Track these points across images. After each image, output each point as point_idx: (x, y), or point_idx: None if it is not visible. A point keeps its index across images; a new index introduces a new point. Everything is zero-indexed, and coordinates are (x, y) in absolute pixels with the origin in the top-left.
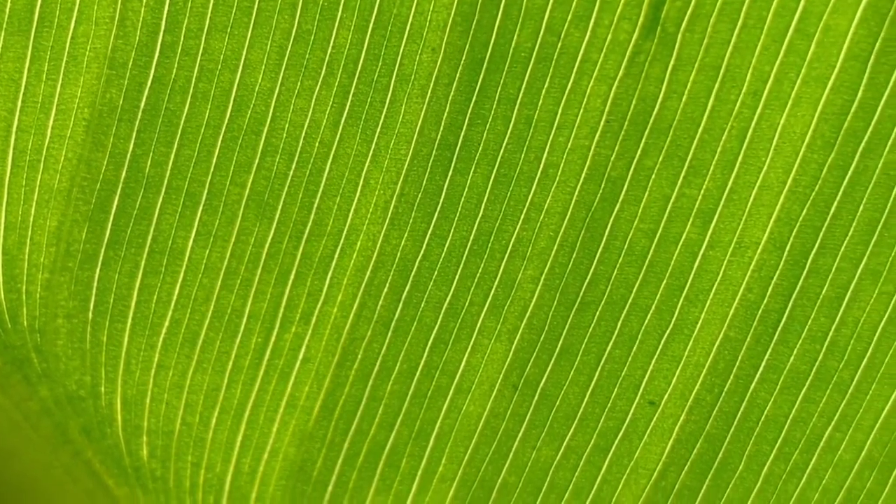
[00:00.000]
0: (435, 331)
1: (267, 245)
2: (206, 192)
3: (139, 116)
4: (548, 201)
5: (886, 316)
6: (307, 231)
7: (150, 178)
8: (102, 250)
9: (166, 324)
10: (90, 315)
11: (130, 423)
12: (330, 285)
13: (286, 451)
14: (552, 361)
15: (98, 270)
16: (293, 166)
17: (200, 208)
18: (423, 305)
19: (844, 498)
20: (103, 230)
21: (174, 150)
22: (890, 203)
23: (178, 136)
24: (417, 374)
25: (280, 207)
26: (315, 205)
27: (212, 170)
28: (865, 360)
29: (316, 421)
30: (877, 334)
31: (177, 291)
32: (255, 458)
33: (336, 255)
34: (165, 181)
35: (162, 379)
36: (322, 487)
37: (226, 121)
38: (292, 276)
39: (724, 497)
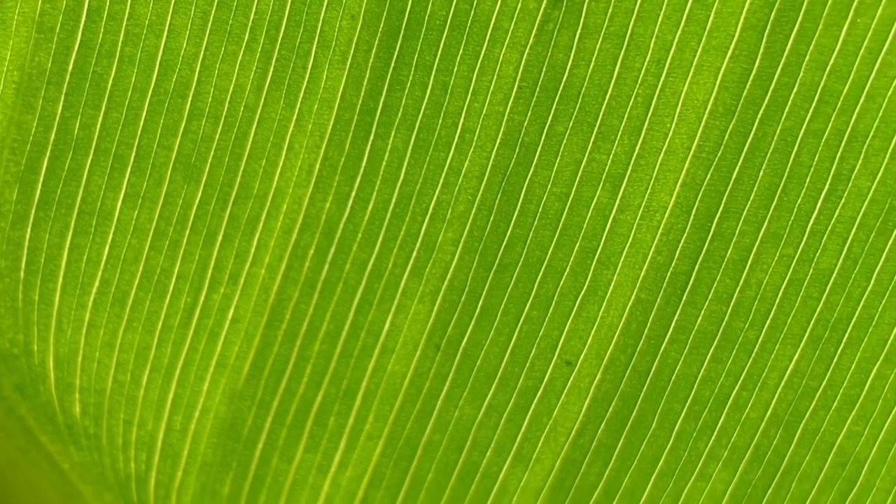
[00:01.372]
0: (360, 292)
1: (194, 207)
2: (133, 154)
3: (67, 79)
4: (465, 165)
5: (788, 278)
6: (234, 193)
7: (79, 140)
8: (33, 211)
9: (96, 283)
10: (22, 274)
11: (63, 381)
12: (257, 247)
13: (217, 409)
14: (473, 322)
15: (29, 231)
16: (219, 129)
17: (128, 170)
18: (348, 267)
19: (752, 455)
20: (33, 191)
21: (102, 113)
22: (788, 168)
23: (106, 98)
24: (344, 334)
25: (207, 170)
26: (241, 168)
27: (139, 132)
28: (769, 320)
29: (246, 380)
30: (779, 295)
31: (106, 252)
32: (186, 417)
33: (263, 218)
34: (94, 143)
35: (93, 338)
36: (252, 445)
37: (152, 84)
38: (220, 238)
39: (639, 454)
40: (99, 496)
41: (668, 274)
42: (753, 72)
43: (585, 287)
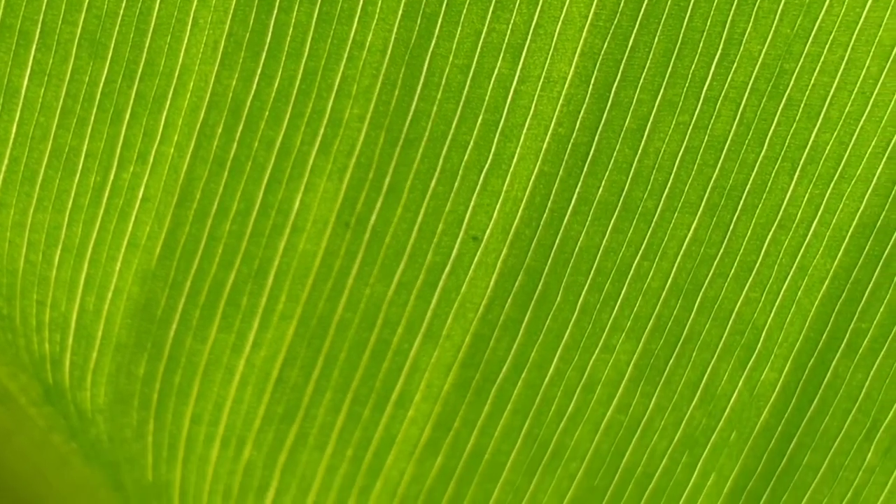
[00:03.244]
0: (269, 170)
1: (101, 84)
2: (38, 30)
3: None
4: (369, 39)
5: (684, 145)
6: (140, 70)
7: None
8: None
9: (6, 162)
10: None
11: None
12: (165, 125)
13: (130, 290)
14: (381, 199)
15: None
16: (123, 5)
17: (34, 47)
18: (256, 145)
19: (654, 325)
20: None
21: None
22: (682, 34)
23: None
24: (254, 213)
25: (112, 46)
26: (146, 44)
27: (44, 8)
28: (667, 189)
29: (158, 260)
30: (676, 163)
31: (14, 130)
32: (99, 297)
33: (170, 95)
34: None
35: (4, 217)
36: (166, 326)
37: None
38: (127, 116)
39: (545, 328)
40: (14, 377)
41: (570, 145)
42: None
43: (489, 161)
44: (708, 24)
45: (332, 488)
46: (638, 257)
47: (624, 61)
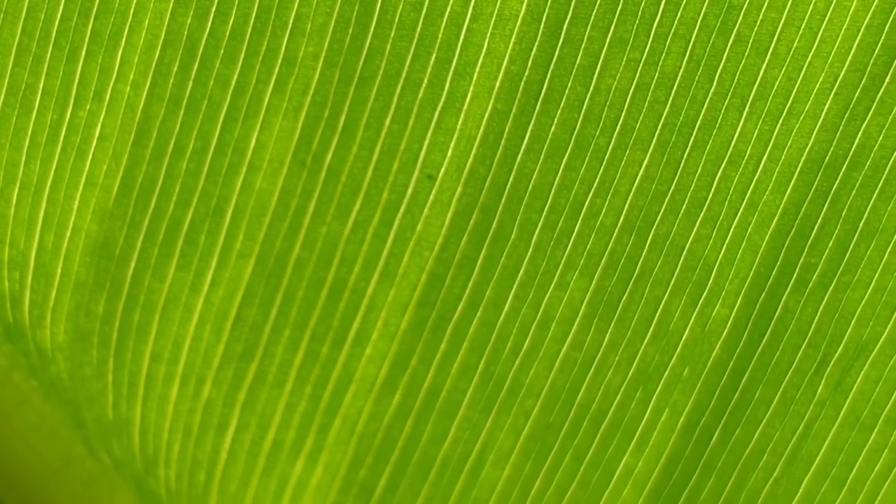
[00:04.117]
0: (224, 108)
1: (57, 22)
2: None
3: None
4: None
5: (635, 82)
6: (95, 8)
7: None
8: None
9: None
10: None
11: None
12: (121, 63)
13: (88, 228)
14: (336, 137)
15: None
16: None
17: None
18: (211, 83)
19: (607, 262)
20: None
21: None
22: None
23: None
24: (210, 151)
25: None
26: None
27: None
28: (618, 126)
29: (116, 199)
30: (627, 100)
31: None
32: (57, 236)
33: (125, 33)
34: None
35: None
36: (125, 264)
37: None
38: (83, 54)
39: (500, 266)
40: None
41: (522, 83)
42: None
43: (443, 99)
44: None
45: (291, 426)
46: (591, 195)
47: None
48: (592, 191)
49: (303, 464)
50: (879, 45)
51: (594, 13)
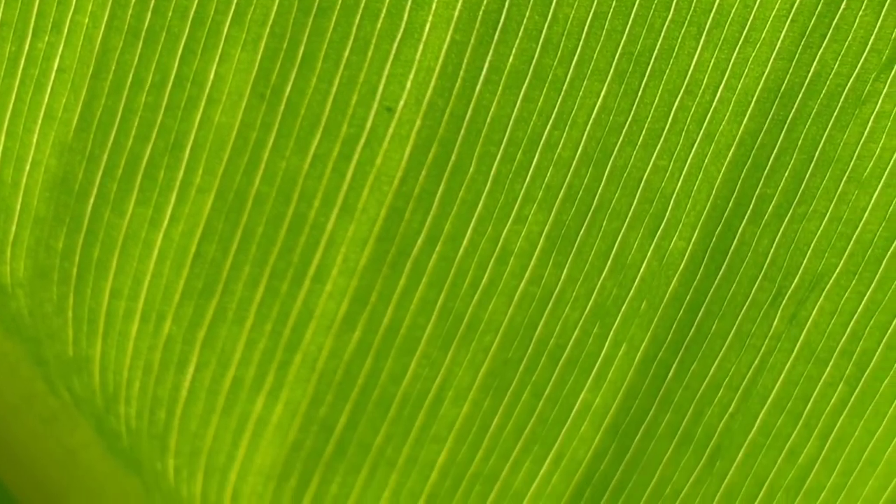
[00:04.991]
0: (183, 40)
1: None
2: None
3: None
4: None
5: (592, 11)
6: None
7: None
8: None
9: None
10: None
11: None
12: None
13: (48, 163)
14: (295, 70)
15: None
16: None
17: None
18: (170, 14)
19: (565, 195)
20: None
21: None
22: None
23: None
24: (169, 84)
25: None
26: None
27: None
28: (576, 56)
29: (75, 133)
30: (585, 30)
31: None
32: (17, 170)
33: None
34: None
35: None
36: (84, 199)
37: None
38: None
39: (459, 200)
40: None
41: (480, 12)
42: None
43: (402, 29)
44: None
45: (251, 363)
46: (549, 126)
47: None
48: (550, 123)
49: (263, 401)
50: None
51: None
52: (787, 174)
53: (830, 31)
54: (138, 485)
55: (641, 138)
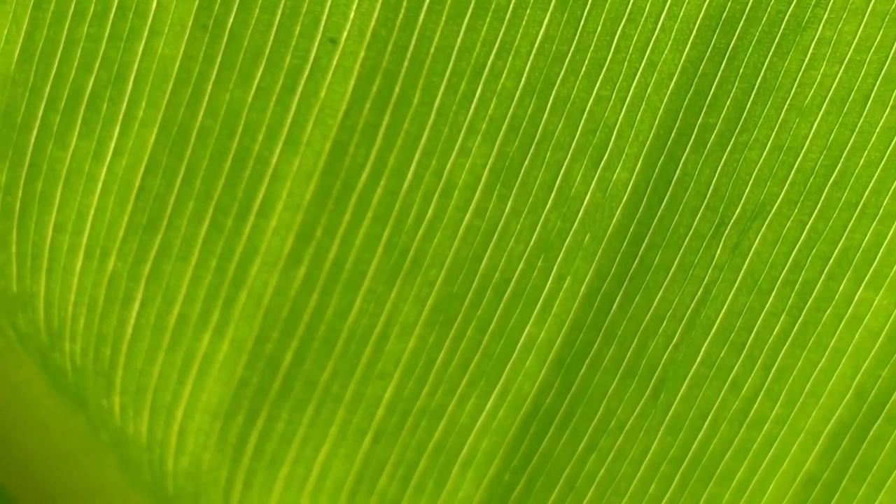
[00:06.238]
0: None
1: None
2: None
3: None
4: None
5: None
6: None
7: None
8: None
9: None
10: None
11: None
12: None
13: None
14: (237, 1)
15: None
16: None
17: None
18: None
19: (508, 126)
20: None
21: None
22: None
23: None
24: (111, 15)
25: None
26: None
27: None
28: None
29: (17, 65)
30: None
31: None
32: None
33: None
34: None
35: None
36: (27, 132)
37: None
38: None
39: (403, 132)
40: None
41: None
42: None
43: None
44: None
45: (196, 299)
46: (492, 56)
47: None
48: (493, 52)
49: (209, 338)
50: None
51: None
52: (728, 103)
53: None
54: (84, 422)
55: (584, 68)
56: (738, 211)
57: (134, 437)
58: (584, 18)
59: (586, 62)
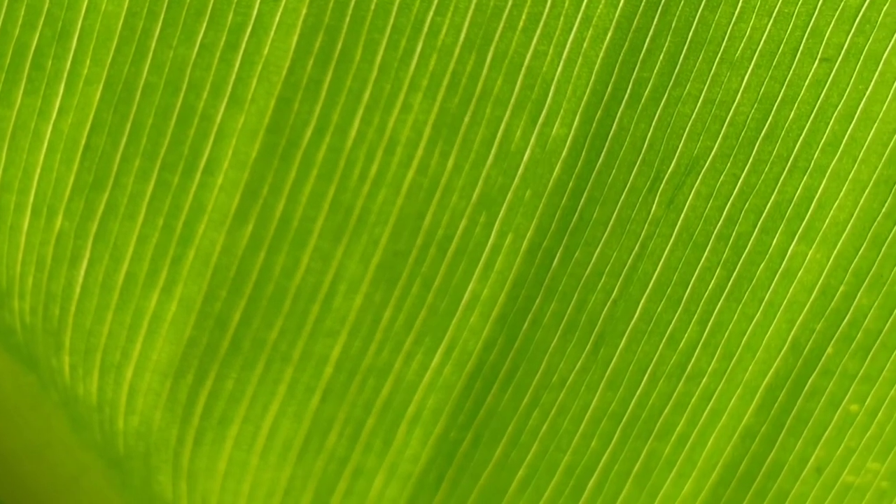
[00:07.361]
0: None
1: None
2: None
3: None
4: None
5: None
6: None
7: None
8: None
9: None
10: None
11: None
12: None
13: None
14: None
15: None
16: None
17: None
18: None
19: (450, 82)
20: None
21: None
22: None
23: None
24: None
25: None
26: None
27: None
28: None
29: None
30: None
31: None
32: None
33: None
34: None
35: None
36: None
37: None
38: None
39: (346, 89)
40: None
41: None
42: None
43: None
44: None
45: (144, 258)
46: (431, 12)
47: None
48: (433, 8)
49: (157, 297)
50: None
51: None
52: (662, 57)
53: None
54: (34, 381)
55: (522, 23)
56: (672, 165)
57: (84, 397)
58: None
59: (523, 17)
